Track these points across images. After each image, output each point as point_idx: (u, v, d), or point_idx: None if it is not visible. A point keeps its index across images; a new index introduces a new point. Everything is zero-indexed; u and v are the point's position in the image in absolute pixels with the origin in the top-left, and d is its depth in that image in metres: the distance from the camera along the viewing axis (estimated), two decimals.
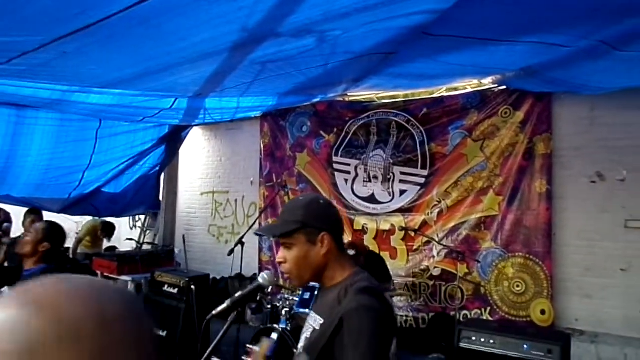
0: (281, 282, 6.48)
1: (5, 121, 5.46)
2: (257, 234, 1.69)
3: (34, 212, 4.46)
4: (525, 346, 2.95)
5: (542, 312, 5.20)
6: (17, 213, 6.70)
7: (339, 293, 1.52)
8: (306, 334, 1.62)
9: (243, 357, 1.21)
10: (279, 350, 4.50)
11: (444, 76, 5.05)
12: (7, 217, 7.22)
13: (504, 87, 5.45)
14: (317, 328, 1.53)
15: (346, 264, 1.63)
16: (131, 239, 7.55)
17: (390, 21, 3.08)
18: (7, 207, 7.18)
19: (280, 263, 1.60)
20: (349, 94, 6.48)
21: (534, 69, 4.18)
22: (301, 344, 1.62)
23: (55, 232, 2.89)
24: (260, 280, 1.61)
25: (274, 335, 1.13)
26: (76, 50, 3.39)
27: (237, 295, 1.69)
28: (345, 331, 1.39)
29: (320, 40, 3.45)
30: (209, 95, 5.43)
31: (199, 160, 8.48)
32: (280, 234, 1.56)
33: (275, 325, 4.19)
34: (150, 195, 8.29)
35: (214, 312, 1.73)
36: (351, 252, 4.84)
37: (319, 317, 1.56)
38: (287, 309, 4.49)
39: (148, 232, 8.71)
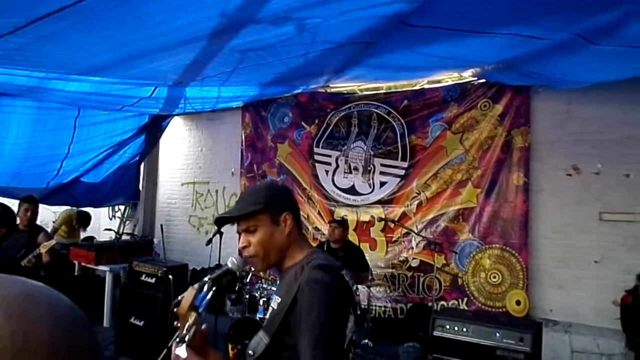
0: (260, 273, 6.49)
1: None
2: (219, 218, 1.63)
3: (28, 201, 4.32)
4: (497, 334, 3.00)
5: (518, 302, 5.28)
6: None
7: (296, 272, 1.54)
8: (267, 314, 1.64)
9: (172, 309, 1.20)
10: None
11: (423, 68, 5.08)
12: None
13: (484, 80, 5.50)
14: (275, 307, 1.56)
15: (304, 244, 1.66)
16: (110, 229, 7.47)
17: (368, 10, 3.09)
18: None
19: (244, 248, 1.59)
20: (330, 86, 6.48)
21: (511, 62, 4.23)
22: (263, 325, 1.64)
23: (8, 216, 2.79)
24: (229, 264, 1.61)
25: (202, 286, 1.13)
26: (52, 34, 3.33)
27: (204, 279, 1.69)
28: (298, 305, 1.42)
29: (300, 28, 3.44)
30: (189, 84, 5.38)
31: (180, 150, 8.42)
32: (247, 213, 1.54)
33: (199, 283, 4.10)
34: (129, 186, 8.23)
35: (179, 297, 1.72)
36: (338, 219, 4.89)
37: (277, 298, 1.58)
38: (265, 299, 4.50)
39: (127, 222, 8.63)
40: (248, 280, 5.18)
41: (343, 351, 1.43)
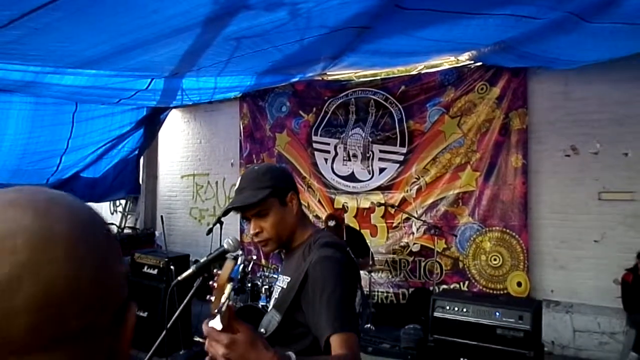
0: (263, 262, 6.52)
1: None
2: (230, 209, 1.60)
3: None
4: (497, 313, 3.02)
5: (519, 284, 5.30)
6: None
7: (303, 251, 1.56)
8: (275, 294, 1.66)
9: (210, 283, 1.21)
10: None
11: (419, 53, 5.07)
12: None
13: (480, 63, 5.49)
14: (285, 286, 1.57)
15: (308, 222, 1.70)
16: (112, 224, 7.50)
17: None
18: None
19: (257, 234, 1.58)
20: (327, 73, 6.47)
21: (507, 44, 4.23)
22: (271, 304, 1.65)
23: None
24: (225, 245, 1.62)
25: (239, 259, 1.15)
26: (47, 26, 3.34)
27: (202, 260, 1.71)
28: (309, 283, 1.44)
29: (293, 13, 3.44)
30: (185, 75, 5.38)
31: (179, 143, 8.42)
32: (258, 200, 1.53)
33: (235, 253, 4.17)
34: (130, 179, 8.23)
35: (179, 278, 1.74)
36: (331, 224, 4.89)
37: (286, 277, 1.60)
38: (267, 286, 4.53)
39: (129, 216, 8.66)
40: (250, 269, 5.21)
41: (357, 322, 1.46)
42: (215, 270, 1.19)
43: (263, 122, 7.19)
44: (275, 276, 4.60)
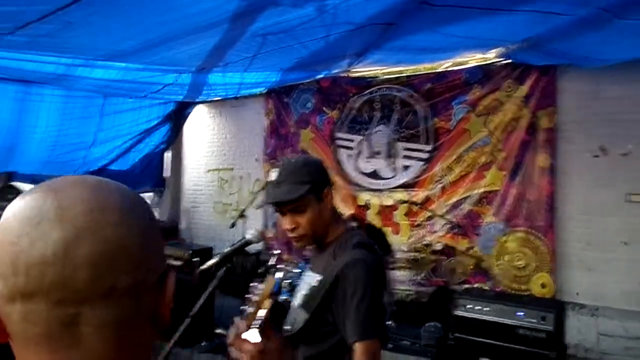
0: (285, 256, 6.56)
1: (11, 97, 5.52)
2: (269, 203, 1.62)
3: None
4: (519, 314, 2.99)
5: (543, 285, 5.22)
6: None
7: (333, 250, 1.56)
8: (302, 291, 1.65)
9: (248, 295, 1.23)
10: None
11: (446, 49, 5.03)
12: None
13: (508, 60, 5.41)
14: (315, 284, 1.57)
15: (339, 218, 1.68)
16: None
17: None
18: None
19: (292, 229, 1.57)
20: (352, 70, 6.46)
21: (535, 40, 4.16)
22: (298, 301, 1.65)
23: None
24: (247, 236, 1.65)
25: (278, 274, 1.17)
26: (80, 20, 3.42)
27: (226, 250, 1.74)
28: (341, 284, 1.45)
29: (320, 9, 3.45)
30: (211, 70, 5.44)
31: (204, 137, 8.52)
32: (298, 196, 1.53)
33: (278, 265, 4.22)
34: (155, 173, 8.36)
35: (202, 267, 1.78)
36: (353, 224, 4.88)
37: (315, 275, 1.60)
38: (289, 281, 4.55)
39: (155, 209, 8.79)
40: (272, 262, 5.25)
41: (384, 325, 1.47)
42: (255, 284, 1.20)
43: (288, 118, 7.22)
44: (297, 270, 4.63)
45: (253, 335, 1.16)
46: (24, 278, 0.52)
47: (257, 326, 1.17)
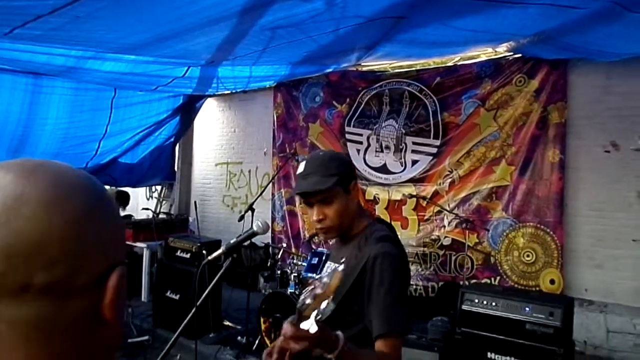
0: (293, 250, 6.58)
1: (22, 89, 5.55)
2: (298, 194, 1.63)
3: None
4: (526, 309, 2.98)
5: (552, 281, 5.20)
6: None
7: (358, 242, 1.59)
8: (326, 279, 1.69)
9: (309, 286, 1.25)
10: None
11: (456, 43, 4.99)
12: None
13: (519, 55, 5.37)
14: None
15: (364, 212, 1.71)
16: (147, 209, 7.69)
17: None
18: None
19: (320, 220, 1.59)
20: (361, 64, 6.44)
21: (547, 34, 4.12)
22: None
23: None
24: (254, 227, 1.66)
25: (341, 267, 1.18)
26: (88, 15, 3.43)
27: (231, 241, 1.75)
28: (368, 275, 1.48)
29: (329, 3, 3.44)
30: (221, 64, 5.45)
31: (213, 131, 8.55)
32: (327, 188, 1.55)
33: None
34: (165, 166, 8.41)
35: (209, 258, 1.79)
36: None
37: (340, 266, 1.63)
38: (296, 274, 4.57)
39: (164, 202, 8.85)
40: (280, 256, 5.28)
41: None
42: (318, 276, 1.22)
43: (296, 112, 7.22)
44: (304, 264, 4.65)
45: (312, 326, 1.19)
46: None
47: (317, 318, 1.20)
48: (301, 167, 1.61)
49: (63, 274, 0.52)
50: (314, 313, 1.22)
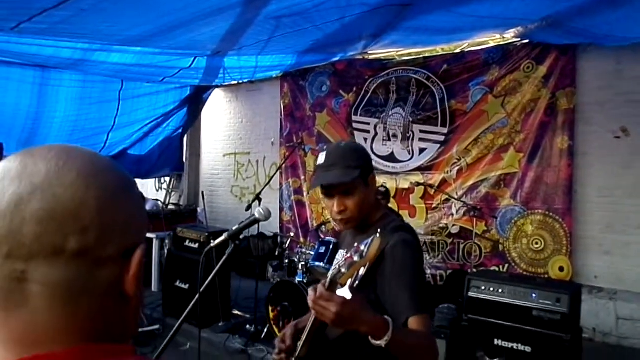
0: (301, 239, 6.60)
1: (30, 82, 5.59)
2: (322, 186, 1.62)
3: None
4: (533, 295, 2.97)
5: (561, 269, 5.18)
6: None
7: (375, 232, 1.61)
8: (343, 269, 1.72)
9: (347, 255, 1.27)
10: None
11: (462, 30, 4.95)
12: None
13: (527, 41, 5.31)
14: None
15: (380, 204, 1.74)
16: (157, 200, 7.75)
17: None
18: None
19: (340, 212, 1.61)
20: (368, 52, 6.41)
21: (555, 19, 4.07)
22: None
23: None
24: (256, 214, 1.67)
25: (378, 235, 1.21)
26: (92, 7, 3.45)
27: (234, 228, 1.76)
28: (387, 263, 1.50)
29: None
30: (227, 54, 5.45)
31: (221, 122, 8.57)
32: (351, 180, 1.57)
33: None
34: (174, 157, 8.45)
35: (212, 244, 1.81)
36: (382, 189, 4.97)
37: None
38: (304, 263, 4.59)
39: (173, 193, 8.91)
40: (287, 245, 5.30)
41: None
42: (356, 245, 1.23)
43: (303, 102, 7.21)
44: (312, 253, 4.66)
45: (346, 293, 1.22)
46: None
47: (352, 285, 1.22)
48: (322, 158, 1.63)
49: (93, 242, 0.56)
50: (349, 281, 1.23)
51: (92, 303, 0.57)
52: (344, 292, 1.23)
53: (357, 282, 1.24)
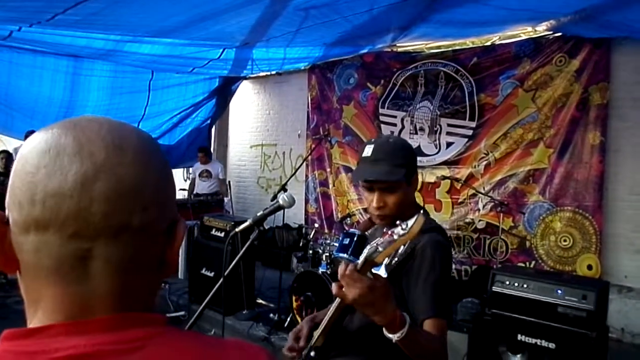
0: (326, 231, 6.62)
1: (63, 72, 5.75)
2: (367, 181, 1.59)
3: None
4: (559, 291, 2.92)
5: (589, 267, 5.08)
6: None
7: None
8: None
9: (386, 235, 1.25)
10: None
11: (494, 22, 4.88)
12: None
13: (559, 34, 5.20)
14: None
15: (417, 204, 1.73)
16: (184, 189, 7.87)
17: None
18: None
19: (380, 207, 1.59)
20: (397, 45, 6.37)
21: (588, 12, 3.98)
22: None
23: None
24: (280, 201, 1.70)
25: (422, 214, 1.22)
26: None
27: (258, 214, 1.79)
28: (418, 260, 1.50)
29: None
30: (255, 45, 5.49)
31: (249, 113, 8.64)
32: (397, 179, 1.55)
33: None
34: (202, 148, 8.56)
35: (236, 230, 1.84)
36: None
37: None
38: (327, 254, 4.62)
39: None
40: (312, 237, 5.33)
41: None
42: (398, 222, 1.19)
43: (330, 94, 7.21)
44: (336, 244, 4.67)
45: (382, 272, 1.21)
46: (40, 207, 0.53)
47: (390, 262, 1.20)
48: (368, 151, 1.58)
49: (154, 217, 0.59)
50: (386, 260, 1.22)
51: (143, 275, 0.60)
52: (380, 271, 1.21)
53: (395, 259, 1.21)
